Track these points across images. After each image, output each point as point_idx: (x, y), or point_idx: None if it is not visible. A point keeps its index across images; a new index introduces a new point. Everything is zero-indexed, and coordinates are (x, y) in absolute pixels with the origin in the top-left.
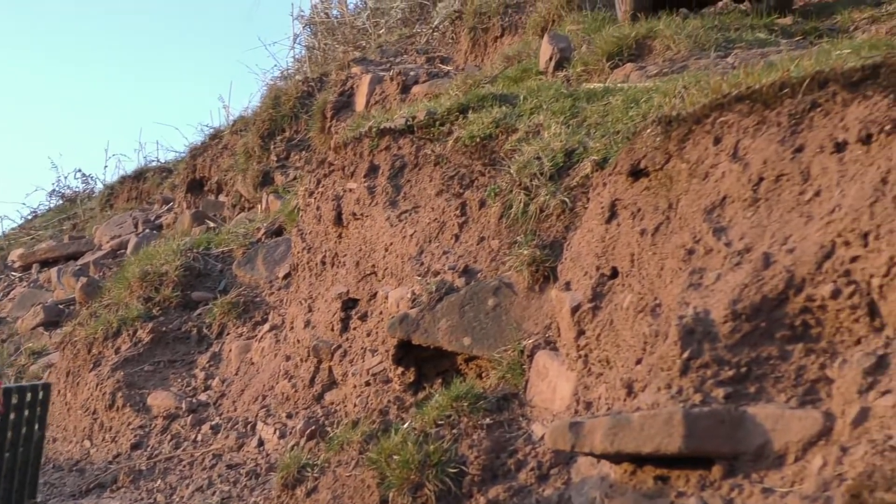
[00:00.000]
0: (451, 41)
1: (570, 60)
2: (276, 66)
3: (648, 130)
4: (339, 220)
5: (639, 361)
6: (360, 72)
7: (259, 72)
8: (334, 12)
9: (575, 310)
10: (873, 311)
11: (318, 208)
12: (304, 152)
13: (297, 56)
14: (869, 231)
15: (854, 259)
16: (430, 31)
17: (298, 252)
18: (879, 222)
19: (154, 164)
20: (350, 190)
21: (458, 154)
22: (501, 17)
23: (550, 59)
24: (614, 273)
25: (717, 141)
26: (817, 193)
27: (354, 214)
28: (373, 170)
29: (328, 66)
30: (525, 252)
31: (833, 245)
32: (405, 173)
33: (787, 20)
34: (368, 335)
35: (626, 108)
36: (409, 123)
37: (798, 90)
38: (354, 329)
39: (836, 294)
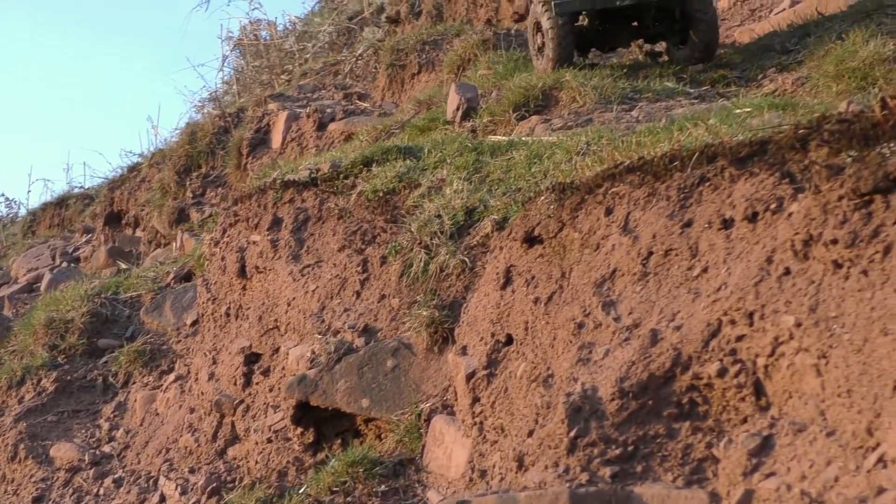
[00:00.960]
0: (372, 71)
1: (476, 111)
2: (204, 86)
3: (543, 197)
4: (242, 272)
5: (531, 433)
6: (276, 108)
7: (187, 93)
8: (263, 34)
9: (470, 376)
10: (759, 391)
11: (222, 258)
12: (220, 189)
13: (225, 78)
14: (754, 310)
15: (740, 338)
16: (354, 59)
17: (204, 302)
18: (764, 302)
19: (77, 190)
20: (254, 242)
21: (361, 208)
22: (418, 55)
23: (458, 109)
24: (509, 340)
25: (608, 212)
26: (705, 270)
27: (257, 268)
28: (276, 222)
29: (255, 90)
30: (424, 313)
31: (720, 323)
32: (309, 227)
33: (698, 66)
34: (271, 391)
35: (529, 164)
36: (313, 176)
37: (688, 163)
38: (257, 384)
39: (722, 373)
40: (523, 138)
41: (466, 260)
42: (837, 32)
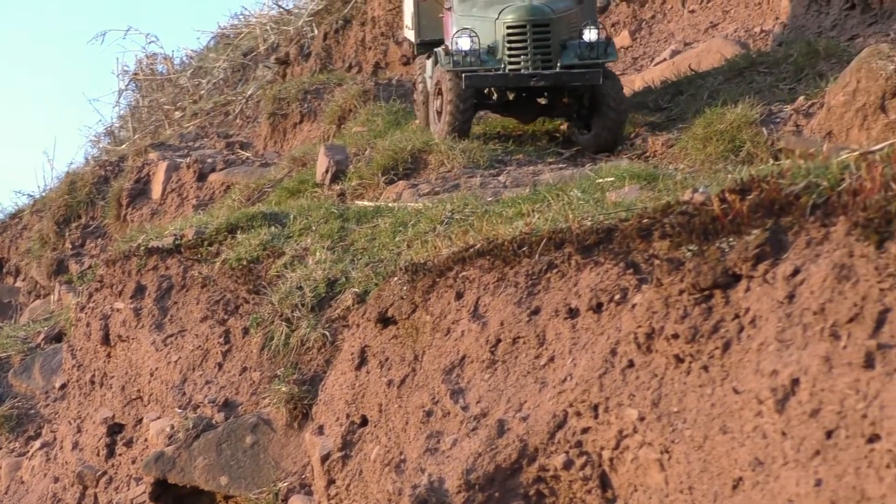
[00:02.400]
0: (262, 113)
1: (346, 173)
2: (100, 121)
3: (396, 278)
4: (107, 339)
5: None
6: (156, 158)
7: (83, 128)
8: (160, 68)
9: (326, 458)
10: (605, 483)
11: (88, 324)
12: (99, 240)
13: (121, 112)
14: (599, 403)
15: (585, 430)
16: (244, 100)
17: (69, 368)
18: (609, 395)
19: None
20: (118, 309)
21: (224, 277)
22: (300, 104)
23: (327, 171)
24: (364, 421)
25: (459, 296)
26: (552, 359)
27: (121, 336)
28: (140, 290)
29: (150, 123)
30: (283, 389)
31: (565, 415)
32: (172, 295)
33: (564, 128)
34: (133, 462)
35: (394, 233)
36: (177, 243)
37: (536, 249)
38: (120, 455)
39: (568, 465)
40: (390, 204)
41: (327, 333)
42: (709, 91)
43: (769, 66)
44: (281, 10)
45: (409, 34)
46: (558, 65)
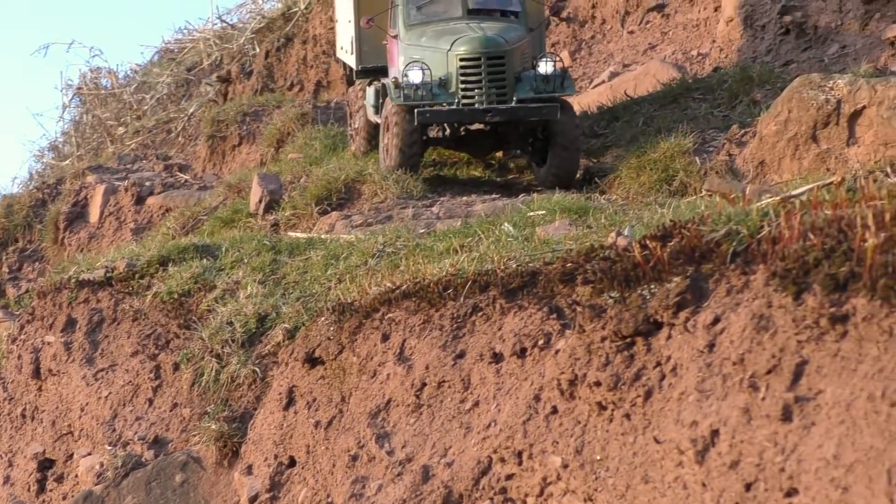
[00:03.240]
0: (199, 131)
1: (279, 203)
2: (44, 135)
3: (323, 318)
4: (37, 373)
5: None
6: (94, 181)
7: (26, 143)
8: (104, 82)
9: (254, 499)
10: None
11: (19, 357)
12: (37, 264)
13: (65, 128)
14: (523, 449)
15: (510, 477)
16: (186, 118)
17: (1, 401)
18: (532, 441)
19: None
20: (48, 343)
21: (156, 311)
22: (239, 126)
23: (260, 201)
24: (292, 462)
25: (385, 338)
26: (476, 404)
27: (51, 370)
28: (71, 323)
29: (94, 139)
30: (213, 427)
31: (490, 461)
32: (103, 328)
33: (500, 155)
34: (64, 499)
35: (326, 266)
36: (108, 275)
37: (461, 292)
38: (51, 491)
39: None
40: (323, 236)
41: (257, 370)
42: (644, 117)
43: (704, 93)
44: (225, 24)
45: (348, 58)
46: (514, 99)
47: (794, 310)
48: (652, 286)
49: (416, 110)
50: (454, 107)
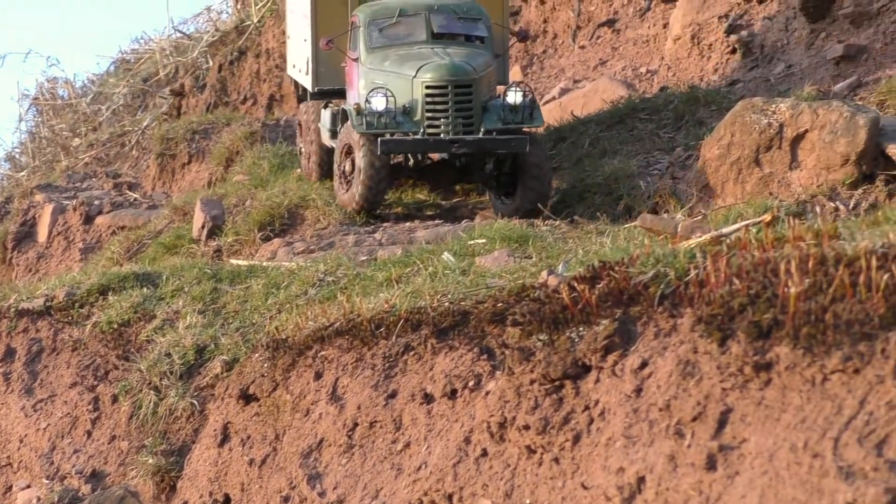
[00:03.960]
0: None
1: (222, 229)
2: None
3: (257, 354)
4: None
5: None
6: (42, 200)
7: None
8: (62, 92)
9: None
10: None
11: None
12: None
13: (22, 139)
14: (453, 492)
15: None
16: (140, 131)
17: None
18: (463, 484)
19: None
20: None
21: (95, 341)
22: (188, 144)
23: (203, 227)
24: (227, 500)
25: (318, 376)
26: (408, 445)
27: None
28: (10, 353)
29: (49, 152)
30: (150, 461)
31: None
32: (43, 358)
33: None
34: None
35: (266, 295)
36: (48, 304)
37: (393, 330)
38: None
39: None
40: (264, 263)
41: (195, 403)
42: (591, 138)
43: (650, 113)
44: (181, 35)
45: (301, 78)
46: (481, 129)
47: (719, 356)
48: (580, 329)
49: (378, 139)
50: (419, 136)
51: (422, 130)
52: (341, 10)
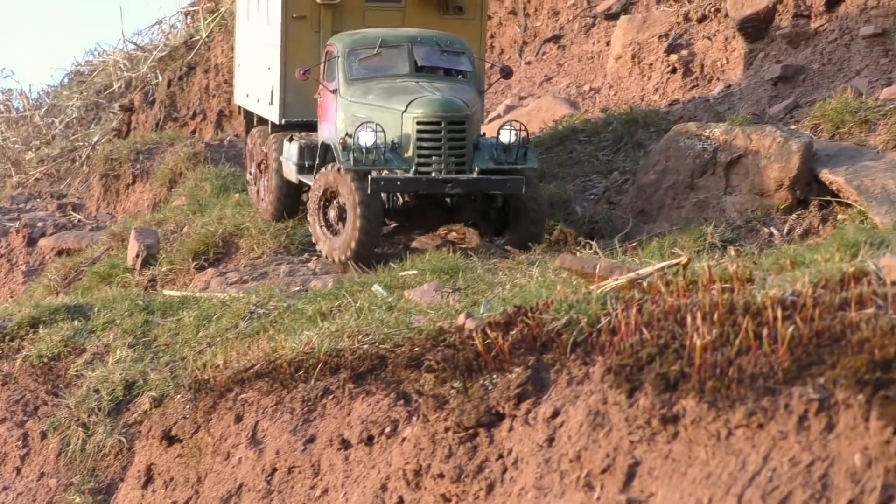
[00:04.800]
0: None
1: (156, 258)
2: None
3: (180, 396)
4: None
5: None
6: None
7: None
8: (16, 104)
9: None
10: None
11: None
12: None
13: None
14: None
15: None
16: (90, 147)
17: None
18: None
19: None
20: None
21: (25, 375)
22: (132, 165)
23: (137, 256)
24: None
25: (238, 419)
26: (326, 491)
27: None
28: None
29: (1, 168)
30: (78, 500)
31: None
32: None
33: None
34: None
35: (198, 328)
36: None
37: (312, 374)
38: None
39: None
40: (197, 294)
41: (124, 440)
42: None
43: (590, 134)
44: (134, 46)
45: (262, 109)
46: (475, 169)
47: (628, 408)
48: (494, 376)
49: (370, 177)
50: (410, 175)
51: (413, 168)
52: (311, 38)
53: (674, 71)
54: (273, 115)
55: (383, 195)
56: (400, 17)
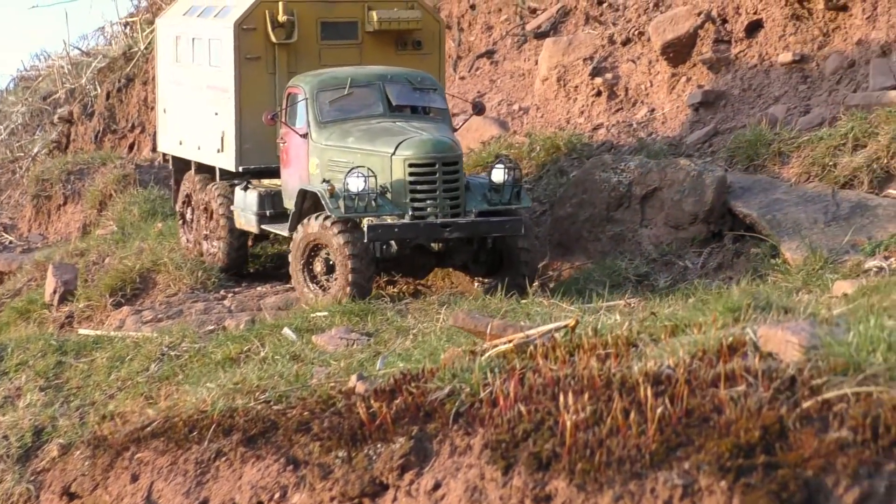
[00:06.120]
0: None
1: (74, 294)
2: None
3: (79, 452)
4: None
5: None
6: None
7: None
8: None
9: None
10: None
11: None
12: None
13: None
14: None
15: None
16: (30, 159)
17: None
18: None
19: None
20: None
21: None
22: (63, 185)
23: (55, 292)
24: None
25: (134, 478)
26: None
27: None
28: None
29: None
30: None
31: None
32: None
33: None
34: None
35: (110, 370)
36: None
37: (206, 435)
38: None
39: None
40: (111, 333)
41: (32, 487)
42: None
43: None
44: (79, 52)
45: (206, 157)
46: (472, 212)
47: (502, 486)
48: (378, 445)
49: (366, 225)
50: (406, 220)
51: (409, 214)
52: (266, 80)
53: (599, 94)
54: (225, 162)
55: (373, 244)
56: (357, 54)
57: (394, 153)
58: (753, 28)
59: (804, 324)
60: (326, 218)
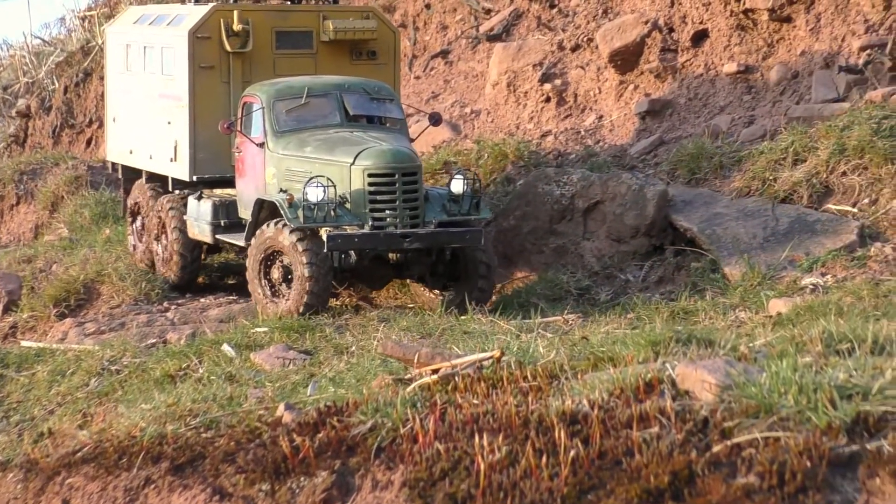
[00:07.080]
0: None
1: (18, 304)
2: None
3: (12, 475)
4: None
5: None
6: None
7: None
8: None
9: None
10: None
11: None
12: None
13: None
14: None
15: None
16: None
17: None
18: None
19: None
20: None
21: None
22: (16, 186)
23: None
24: None
25: (65, 503)
26: None
27: None
28: None
29: None
30: None
31: None
32: None
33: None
34: None
35: (51, 384)
36: None
37: (135, 462)
38: None
39: None
40: (53, 346)
41: None
42: None
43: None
44: (41, 41)
45: (158, 166)
46: (432, 222)
47: None
48: (301, 479)
49: (326, 234)
50: (366, 230)
51: (369, 224)
52: (221, 89)
53: (548, 100)
54: (178, 172)
55: (332, 254)
56: (312, 63)
57: (353, 163)
58: (699, 37)
59: (720, 362)
60: (285, 225)
